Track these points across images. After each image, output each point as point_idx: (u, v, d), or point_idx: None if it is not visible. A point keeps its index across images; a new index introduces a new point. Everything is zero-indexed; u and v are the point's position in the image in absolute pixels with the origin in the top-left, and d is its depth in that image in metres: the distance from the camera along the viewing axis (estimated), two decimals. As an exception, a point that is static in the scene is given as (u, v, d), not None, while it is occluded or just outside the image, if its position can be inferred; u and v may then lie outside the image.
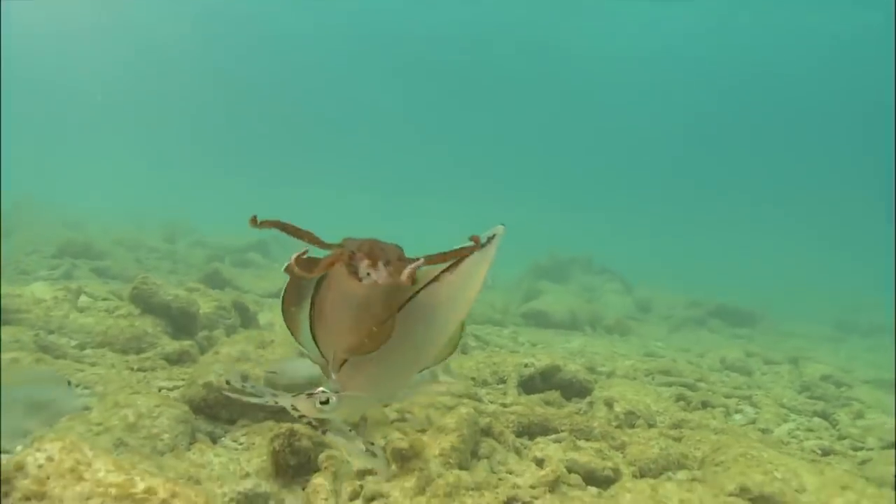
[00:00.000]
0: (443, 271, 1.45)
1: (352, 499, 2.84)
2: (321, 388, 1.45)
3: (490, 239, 1.50)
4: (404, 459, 3.08)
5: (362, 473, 3.02)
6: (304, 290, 1.51)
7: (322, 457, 2.95)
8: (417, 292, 1.44)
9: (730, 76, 43.66)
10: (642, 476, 3.71)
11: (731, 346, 10.01)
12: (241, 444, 3.42)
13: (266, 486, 2.81)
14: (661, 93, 48.31)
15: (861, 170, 45.60)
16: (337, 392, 1.46)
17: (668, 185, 54.30)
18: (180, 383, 4.15)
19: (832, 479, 3.71)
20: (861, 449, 5.15)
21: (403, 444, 3.10)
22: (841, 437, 5.46)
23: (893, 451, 4.80)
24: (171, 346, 4.91)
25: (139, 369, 4.46)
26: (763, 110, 47.38)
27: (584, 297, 13.57)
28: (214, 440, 3.42)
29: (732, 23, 35.90)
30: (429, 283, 1.44)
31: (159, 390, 4.05)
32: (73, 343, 5.08)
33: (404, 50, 43.68)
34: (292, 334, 1.55)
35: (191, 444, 3.22)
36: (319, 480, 2.82)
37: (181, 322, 5.54)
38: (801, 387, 7.46)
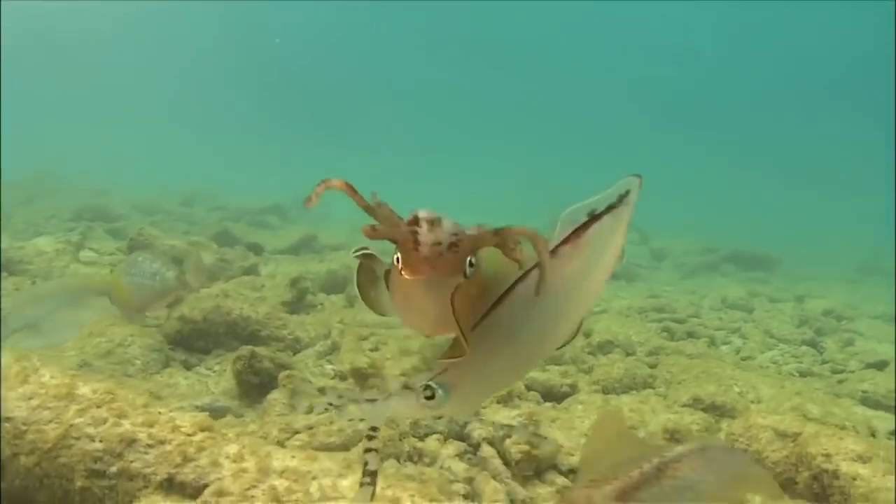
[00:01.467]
0: (560, 244, 1.16)
1: (307, 412, 2.97)
2: (426, 381, 1.17)
3: (622, 198, 1.19)
4: (363, 377, 3.22)
5: (323, 389, 3.16)
6: (376, 271, 1.38)
7: (282, 375, 3.08)
8: (528, 272, 1.16)
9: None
10: (605, 393, 3.80)
11: (737, 286, 9.90)
12: (214, 370, 3.58)
13: (226, 402, 2.95)
14: (674, 44, 46.61)
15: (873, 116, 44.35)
16: (444, 385, 1.17)
17: (684, 136, 53.27)
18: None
19: (791, 390, 3.78)
20: (841, 371, 5.16)
21: (363, 363, 3.23)
22: (824, 363, 5.47)
23: (871, 371, 4.81)
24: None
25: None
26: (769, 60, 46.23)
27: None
28: (189, 367, 3.59)
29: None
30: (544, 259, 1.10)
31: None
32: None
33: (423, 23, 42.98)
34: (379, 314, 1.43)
35: (163, 369, 3.38)
36: (276, 395, 2.96)
37: (178, 270, 5.72)
38: (799, 320, 7.40)
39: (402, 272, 1.03)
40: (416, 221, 1.03)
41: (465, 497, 2.50)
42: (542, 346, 1.28)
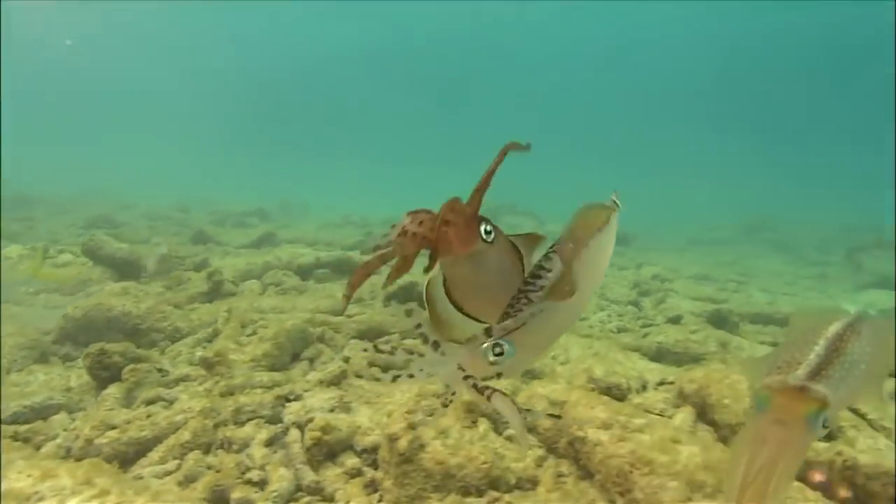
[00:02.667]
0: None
1: (144, 404, 2.39)
2: (496, 339, 0.93)
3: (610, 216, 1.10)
4: (209, 366, 2.63)
5: (172, 383, 2.57)
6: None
7: (126, 370, 2.49)
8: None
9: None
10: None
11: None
12: (92, 363, 2.96)
13: (61, 398, 2.34)
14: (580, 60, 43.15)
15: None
16: (511, 343, 0.94)
17: (570, 138, 52.57)
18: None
19: (593, 349, 3.31)
20: (650, 325, 4.76)
21: (208, 353, 2.65)
22: (639, 319, 5.06)
23: (669, 325, 4.42)
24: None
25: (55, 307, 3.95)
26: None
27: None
28: (69, 359, 2.95)
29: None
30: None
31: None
32: (31, 290, 4.58)
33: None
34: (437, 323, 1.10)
35: (32, 364, 2.75)
36: (111, 390, 2.37)
37: (124, 269, 5.03)
38: (633, 284, 7.04)
39: (436, 262, 0.90)
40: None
41: (257, 484, 1.96)
42: (576, 317, 1.11)
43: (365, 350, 2.85)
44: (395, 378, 0.93)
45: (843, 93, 38.66)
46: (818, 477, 1.95)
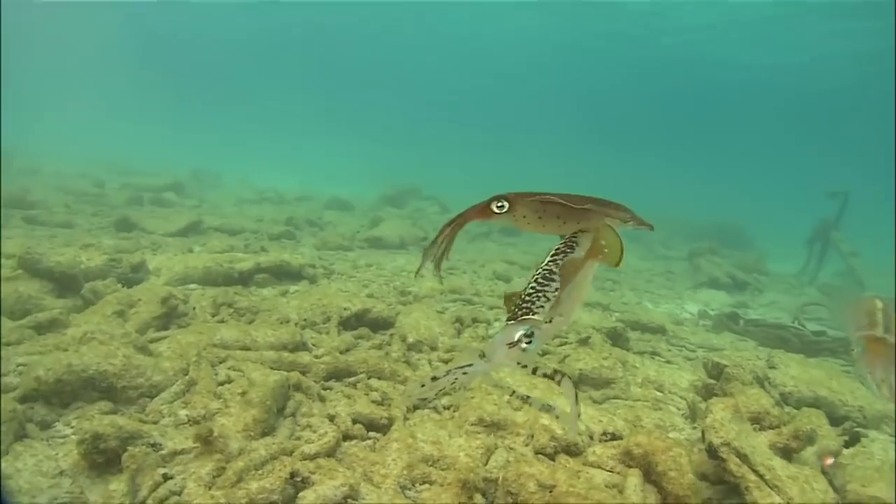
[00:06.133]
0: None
1: (151, 491, 2.15)
2: (522, 330, 1.07)
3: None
4: (206, 442, 2.41)
5: (168, 457, 2.32)
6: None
7: (125, 457, 2.21)
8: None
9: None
10: (415, 409, 3.25)
11: (500, 257, 9.75)
12: (72, 427, 2.58)
13: (65, 497, 2.05)
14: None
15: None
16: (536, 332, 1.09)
17: (475, 128, 53.14)
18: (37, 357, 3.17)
19: (540, 393, 3.44)
20: (564, 344, 4.94)
21: (205, 429, 2.42)
22: (554, 336, 5.28)
23: (582, 347, 4.67)
24: (44, 313, 3.79)
25: (6, 343, 3.39)
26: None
27: (412, 221, 12.92)
28: (47, 426, 2.56)
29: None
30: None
31: (17, 366, 3.07)
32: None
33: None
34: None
35: (14, 442, 2.35)
36: (115, 486, 2.10)
37: (64, 282, 4.39)
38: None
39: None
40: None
41: None
42: (577, 311, 1.28)
43: (349, 397, 2.81)
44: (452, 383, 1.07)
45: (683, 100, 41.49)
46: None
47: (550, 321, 1.13)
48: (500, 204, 1.24)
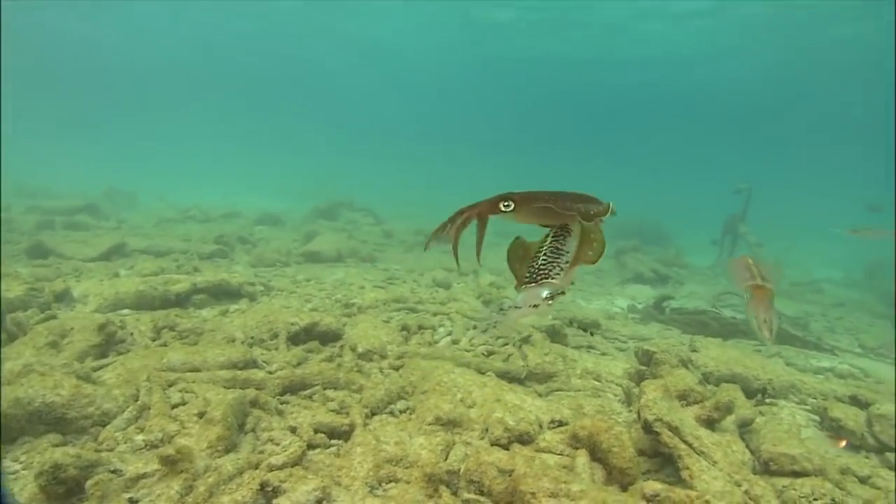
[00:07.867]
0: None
1: (124, 512, 2.16)
2: (547, 290, 1.39)
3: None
4: (172, 463, 2.43)
5: (131, 482, 2.33)
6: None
7: (89, 484, 2.20)
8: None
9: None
10: (373, 414, 3.39)
11: (439, 265, 9.92)
12: (21, 462, 2.51)
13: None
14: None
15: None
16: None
17: (407, 143, 53.53)
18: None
19: (488, 388, 3.65)
20: (507, 343, 5.19)
21: (170, 451, 2.44)
22: (497, 337, 5.44)
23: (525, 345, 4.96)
24: (-35, 350, 3.59)
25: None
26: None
27: (346, 233, 12.90)
28: (-8, 465, 2.48)
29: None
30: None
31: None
32: None
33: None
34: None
35: (-45, 487, 2.27)
36: (82, 514, 2.10)
37: (-17, 319, 4.13)
38: (478, 294, 7.55)
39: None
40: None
41: None
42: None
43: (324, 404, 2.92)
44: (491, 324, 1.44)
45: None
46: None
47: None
48: (506, 203, 1.40)
